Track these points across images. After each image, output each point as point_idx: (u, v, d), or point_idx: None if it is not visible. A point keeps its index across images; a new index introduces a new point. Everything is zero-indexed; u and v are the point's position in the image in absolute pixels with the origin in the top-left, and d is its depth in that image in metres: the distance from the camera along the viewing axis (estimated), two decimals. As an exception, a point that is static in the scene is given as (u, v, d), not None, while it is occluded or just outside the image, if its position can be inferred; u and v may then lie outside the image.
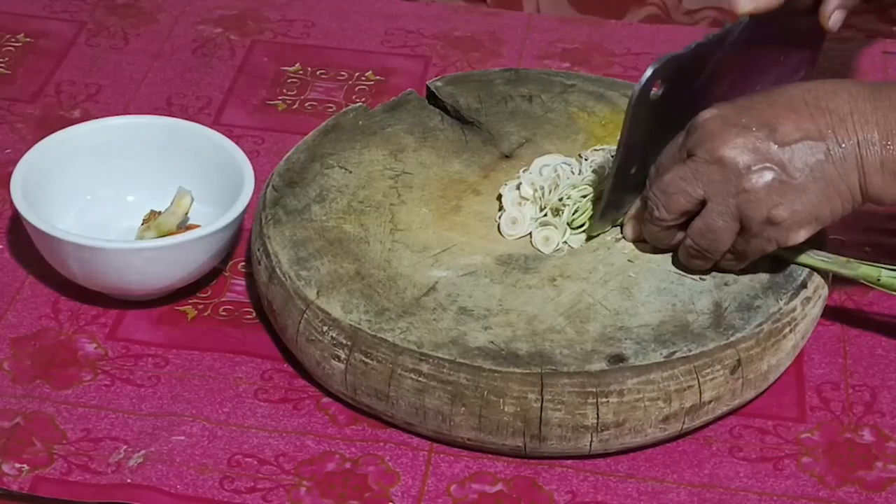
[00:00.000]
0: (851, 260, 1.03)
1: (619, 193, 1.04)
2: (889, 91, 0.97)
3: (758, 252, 1.00)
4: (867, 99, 0.97)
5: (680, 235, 1.02)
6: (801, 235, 0.98)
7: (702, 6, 1.46)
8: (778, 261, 1.03)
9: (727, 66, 1.05)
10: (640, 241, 1.05)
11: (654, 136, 1.03)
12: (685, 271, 1.03)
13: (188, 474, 0.97)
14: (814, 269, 1.03)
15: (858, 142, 0.96)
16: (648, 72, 0.99)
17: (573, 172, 1.09)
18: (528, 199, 1.07)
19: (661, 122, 1.02)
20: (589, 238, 1.06)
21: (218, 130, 1.15)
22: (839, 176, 0.97)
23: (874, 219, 1.16)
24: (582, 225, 1.06)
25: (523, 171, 1.10)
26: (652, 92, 1.00)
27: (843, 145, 0.97)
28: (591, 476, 0.98)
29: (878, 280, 1.02)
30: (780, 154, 0.97)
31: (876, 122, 0.96)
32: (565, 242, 1.05)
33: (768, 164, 0.96)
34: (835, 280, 1.06)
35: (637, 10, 1.47)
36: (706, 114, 0.99)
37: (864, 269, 1.03)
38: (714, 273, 1.03)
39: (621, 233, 1.06)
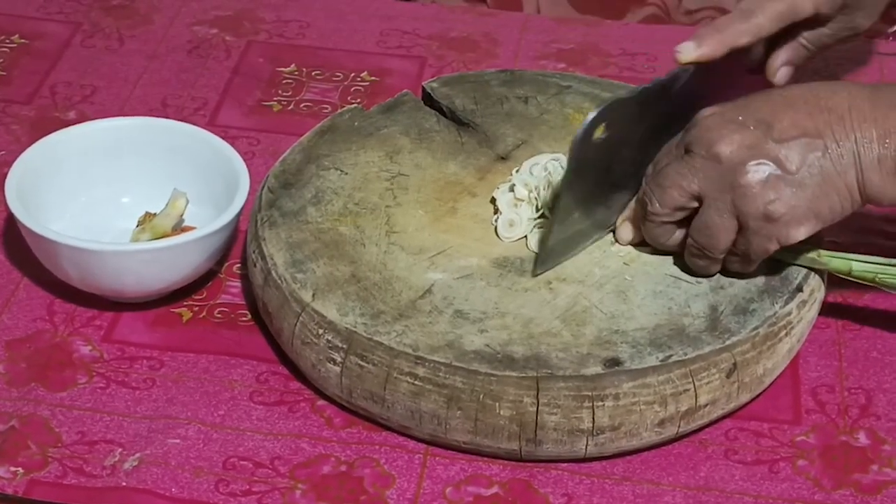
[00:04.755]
0: (822, 253, 1.03)
1: (563, 236, 1.03)
2: (888, 91, 0.98)
3: (760, 252, 1.00)
4: (866, 98, 0.97)
5: (677, 234, 1.02)
6: (802, 233, 0.98)
7: (702, 6, 1.46)
8: (769, 262, 1.02)
9: (675, 118, 1.04)
10: (634, 245, 1.05)
11: (599, 180, 1.03)
12: (683, 273, 1.03)
13: (183, 477, 0.97)
14: (786, 264, 1.03)
15: (856, 139, 0.96)
16: (592, 115, 0.98)
17: (562, 167, 1.09)
18: (523, 200, 1.07)
19: (605, 166, 1.02)
20: (534, 275, 1.03)
21: (213, 132, 1.15)
22: (836, 173, 0.97)
23: (868, 220, 1.16)
24: None
25: (515, 172, 1.10)
26: (595, 135, 0.99)
27: (841, 143, 0.97)
28: (586, 479, 0.98)
29: (850, 272, 1.03)
30: (776, 150, 0.97)
31: (874, 120, 0.97)
32: None
33: (764, 160, 0.97)
34: (830, 283, 1.06)
35: (637, 10, 1.47)
36: (705, 111, 1.00)
37: (835, 263, 1.03)
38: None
39: (614, 236, 1.06)
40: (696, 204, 1.00)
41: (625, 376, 0.96)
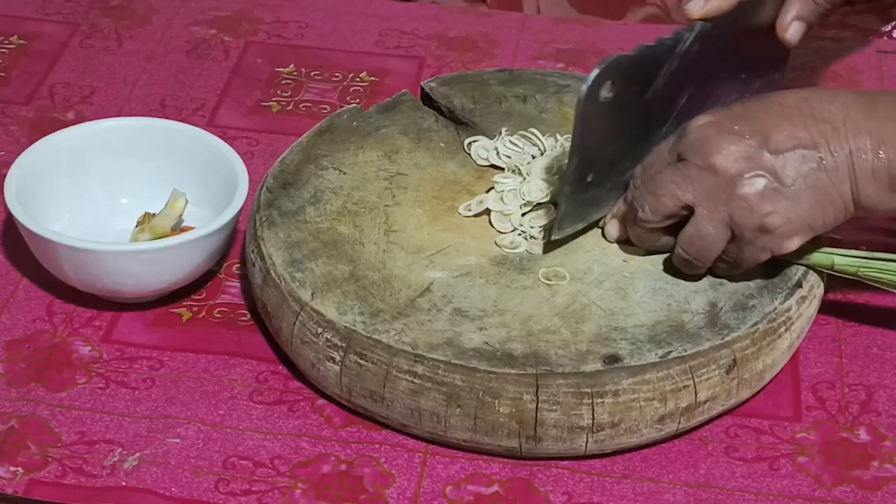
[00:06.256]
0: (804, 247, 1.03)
1: (576, 202, 1.03)
2: (884, 101, 0.98)
3: (751, 260, 1.00)
4: (861, 108, 0.97)
5: (665, 239, 1.02)
6: (795, 243, 0.98)
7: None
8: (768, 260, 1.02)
9: (683, 79, 1.03)
10: (624, 243, 1.05)
11: (608, 141, 1.02)
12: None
13: (183, 477, 0.97)
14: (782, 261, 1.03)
15: (851, 151, 0.96)
16: (595, 72, 0.97)
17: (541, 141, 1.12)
18: (507, 179, 1.08)
19: (613, 127, 1.01)
20: (547, 248, 1.04)
21: (212, 132, 1.15)
22: (832, 185, 0.97)
23: (872, 217, 1.15)
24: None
25: (497, 138, 1.12)
26: (601, 94, 0.98)
27: (836, 154, 0.97)
28: (586, 477, 0.98)
29: (833, 266, 1.03)
30: (772, 162, 0.97)
31: (868, 132, 0.96)
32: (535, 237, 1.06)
33: (760, 172, 0.97)
34: (830, 279, 1.06)
35: (637, 10, 1.46)
36: (701, 119, 0.99)
37: (816, 257, 1.03)
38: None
39: (602, 234, 1.06)
40: (686, 213, 1.00)
41: (624, 373, 0.96)
